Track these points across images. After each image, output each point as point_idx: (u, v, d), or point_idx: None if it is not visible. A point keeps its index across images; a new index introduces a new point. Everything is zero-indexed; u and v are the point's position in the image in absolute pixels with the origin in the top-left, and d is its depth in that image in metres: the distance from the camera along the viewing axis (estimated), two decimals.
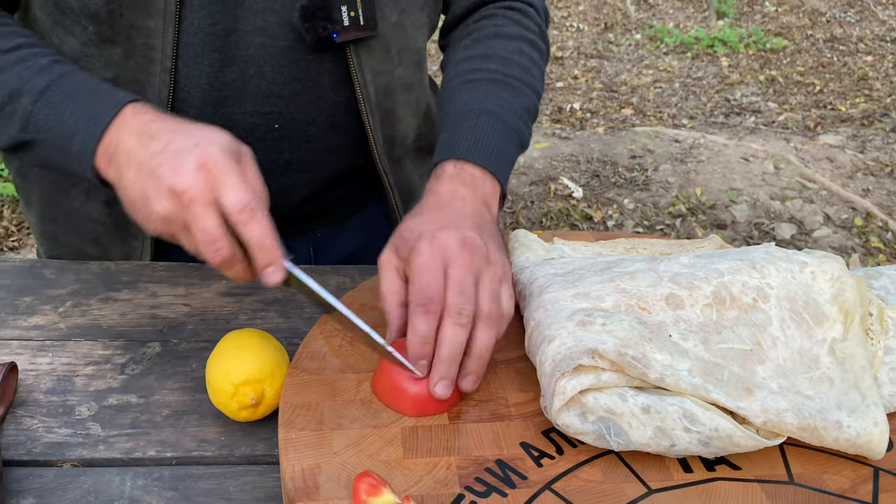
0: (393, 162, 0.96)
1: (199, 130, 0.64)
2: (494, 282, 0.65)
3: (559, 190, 2.97)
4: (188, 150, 0.61)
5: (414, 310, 0.62)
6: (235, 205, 0.60)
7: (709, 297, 0.67)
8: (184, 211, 0.61)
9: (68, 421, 0.69)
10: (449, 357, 0.62)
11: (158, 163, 0.62)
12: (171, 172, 0.61)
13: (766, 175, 3.09)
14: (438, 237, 0.65)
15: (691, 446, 0.58)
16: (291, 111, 0.88)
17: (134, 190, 0.64)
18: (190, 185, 0.60)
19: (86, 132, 0.68)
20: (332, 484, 0.56)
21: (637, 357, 0.60)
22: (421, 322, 0.62)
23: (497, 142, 0.79)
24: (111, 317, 0.82)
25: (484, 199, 0.75)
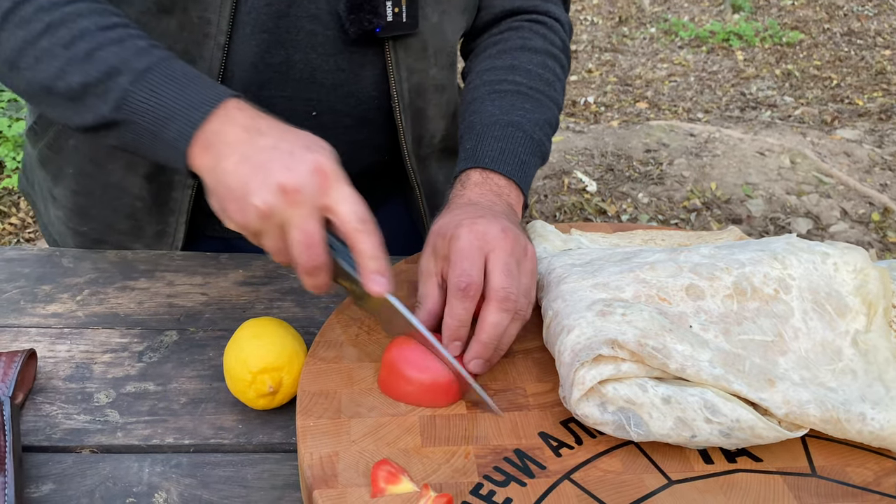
0: (419, 160, 0.97)
1: (310, 137, 0.64)
2: (528, 276, 0.66)
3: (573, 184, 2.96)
4: (303, 152, 0.61)
5: (453, 293, 0.62)
6: (354, 214, 0.60)
7: (730, 287, 0.66)
8: (288, 209, 0.59)
9: (87, 408, 0.69)
10: (489, 340, 0.63)
11: (270, 158, 0.60)
12: (285, 169, 0.59)
13: (782, 169, 3.07)
14: (478, 224, 0.66)
15: (712, 437, 0.58)
16: (330, 101, 0.88)
17: (233, 178, 0.61)
18: (303, 186, 0.59)
19: (186, 118, 0.65)
20: (351, 471, 0.56)
21: (657, 347, 0.59)
22: (458, 306, 0.62)
23: (521, 152, 0.81)
24: (128, 305, 0.83)
25: (509, 205, 0.76)
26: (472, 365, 0.63)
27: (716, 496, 0.55)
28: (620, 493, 0.55)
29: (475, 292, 0.63)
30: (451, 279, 0.63)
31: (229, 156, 0.62)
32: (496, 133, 0.81)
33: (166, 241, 0.93)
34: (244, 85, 0.85)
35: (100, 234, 0.96)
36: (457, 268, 0.63)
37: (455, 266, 0.63)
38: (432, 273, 0.68)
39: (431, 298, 0.67)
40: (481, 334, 0.63)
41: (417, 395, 0.62)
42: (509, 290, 0.63)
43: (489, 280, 0.63)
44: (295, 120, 0.89)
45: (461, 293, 0.62)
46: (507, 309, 0.63)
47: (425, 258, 0.69)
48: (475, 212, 0.69)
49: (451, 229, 0.66)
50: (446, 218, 0.69)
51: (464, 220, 0.66)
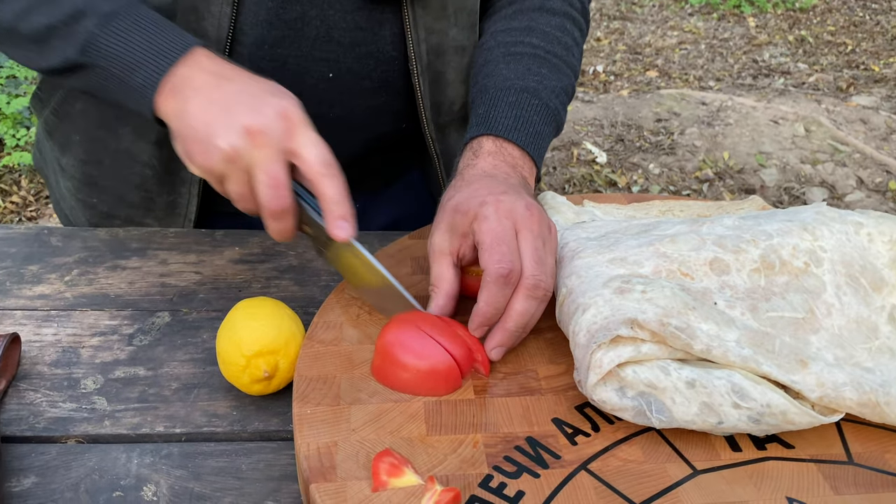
0: (438, 129, 0.91)
1: (277, 85, 0.63)
2: (553, 255, 0.63)
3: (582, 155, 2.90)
4: (267, 97, 0.60)
5: (493, 279, 0.58)
6: (319, 158, 0.59)
7: (756, 261, 0.62)
8: (253, 151, 0.59)
9: (73, 395, 0.65)
10: (517, 328, 0.60)
11: (236, 101, 0.60)
12: (251, 111, 0.59)
13: (796, 138, 3.00)
14: (504, 201, 0.62)
15: (740, 423, 0.53)
16: (348, 61, 0.84)
17: (198, 121, 0.61)
18: (269, 128, 0.59)
19: (154, 64, 0.64)
20: (350, 463, 0.52)
21: (681, 327, 0.55)
22: (498, 293, 0.59)
23: (536, 122, 0.76)
24: (119, 285, 0.79)
25: (523, 177, 0.72)
26: (494, 353, 0.60)
27: (745, 486, 0.51)
28: (642, 485, 0.51)
29: (517, 278, 0.59)
30: (490, 264, 0.59)
31: (195, 98, 0.62)
32: (511, 99, 0.76)
33: (178, 215, 0.89)
34: (256, 42, 0.80)
35: (110, 206, 0.92)
36: (495, 252, 0.59)
37: (492, 250, 0.59)
38: (446, 252, 0.63)
39: (448, 280, 0.63)
40: (508, 322, 0.60)
41: (415, 383, 0.58)
42: (539, 278, 0.59)
43: (521, 264, 0.60)
44: (310, 81, 0.85)
45: (503, 280, 0.59)
46: (536, 297, 0.60)
47: (439, 235, 0.64)
48: (495, 186, 0.65)
49: (474, 206, 0.62)
50: (464, 193, 0.65)
51: (487, 197, 0.62)
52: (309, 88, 0.84)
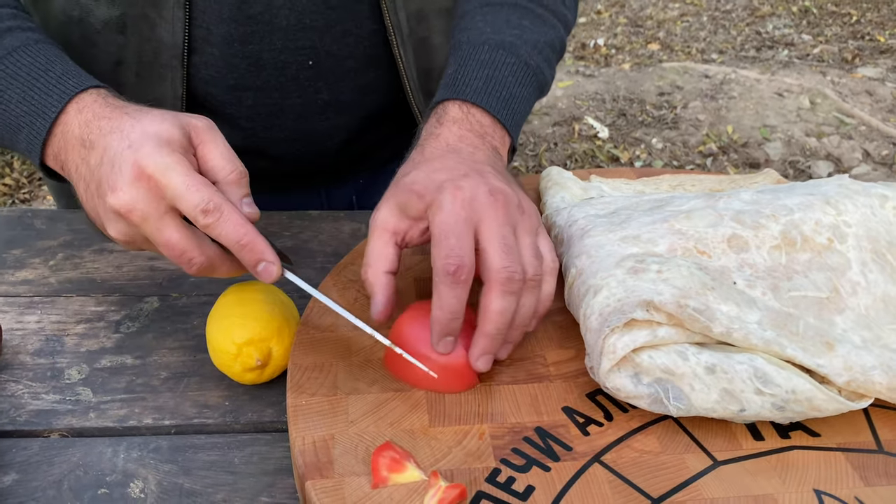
0: (429, 97, 0.86)
1: (137, 123, 0.54)
2: (531, 234, 0.55)
3: (584, 130, 2.85)
4: (121, 159, 0.53)
5: (440, 279, 0.51)
6: (194, 209, 0.51)
7: (777, 237, 0.58)
8: (138, 229, 0.53)
9: (56, 386, 0.62)
10: (497, 331, 0.52)
11: (98, 179, 0.54)
12: (111, 191, 0.52)
13: (801, 111, 2.95)
14: (463, 188, 0.54)
15: (763, 411, 0.50)
16: (326, 44, 0.79)
17: (87, 206, 0.57)
18: (132, 201, 0.52)
19: (30, 128, 0.59)
20: (348, 458, 0.49)
21: (699, 309, 0.51)
22: (449, 294, 0.51)
23: (510, 83, 0.67)
24: (106, 270, 0.75)
25: (493, 148, 0.64)
26: (479, 363, 0.53)
27: (769, 478, 0.48)
28: (659, 477, 0.48)
29: (467, 276, 0.51)
30: (437, 261, 0.51)
31: (77, 181, 0.57)
32: (483, 57, 0.67)
33: None
34: (225, 41, 0.76)
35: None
36: (443, 247, 0.51)
37: (440, 244, 0.52)
38: (389, 229, 0.55)
39: (384, 261, 0.55)
40: (486, 325, 0.52)
41: (431, 379, 0.54)
42: (511, 269, 0.52)
43: (485, 260, 0.52)
44: (290, 73, 0.80)
45: (451, 278, 0.51)
46: (512, 291, 0.52)
47: (386, 210, 0.56)
48: (456, 167, 0.57)
49: (430, 192, 0.54)
50: (421, 171, 0.57)
51: (446, 182, 0.54)
52: (291, 80, 0.79)
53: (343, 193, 0.95)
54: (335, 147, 0.87)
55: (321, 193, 0.95)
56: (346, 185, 0.95)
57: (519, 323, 0.54)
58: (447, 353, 0.53)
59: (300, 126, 0.84)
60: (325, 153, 0.87)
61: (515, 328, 0.54)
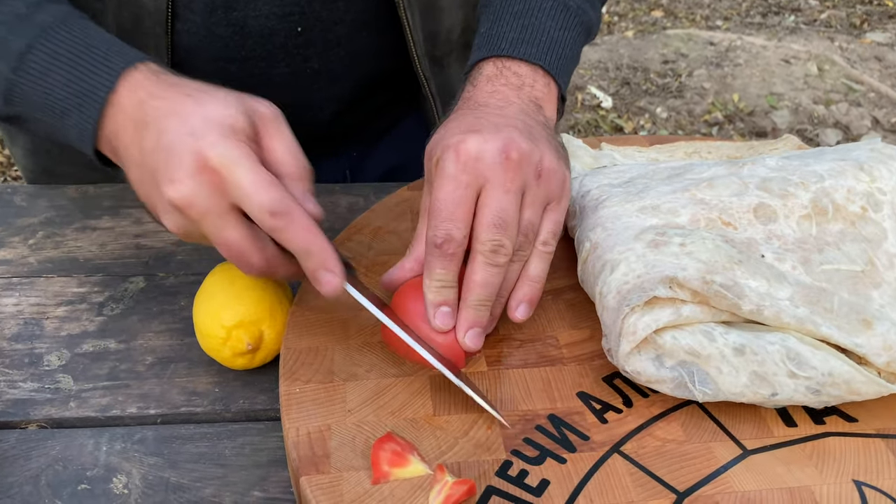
0: (434, 63, 0.81)
1: (199, 107, 0.49)
2: (539, 205, 0.51)
3: (587, 100, 2.79)
4: (182, 147, 0.47)
5: (429, 250, 0.49)
6: (261, 211, 0.47)
7: (807, 206, 0.54)
8: (196, 224, 0.48)
9: (35, 373, 0.58)
10: (478, 302, 0.49)
11: (154, 166, 0.49)
12: (169, 182, 0.47)
13: (808, 78, 2.88)
14: (466, 145, 0.50)
15: (797, 395, 0.46)
16: (315, 9, 0.74)
17: (140, 191, 0.52)
18: (193, 196, 0.47)
19: (80, 113, 0.53)
20: (346, 450, 0.45)
21: (727, 285, 0.47)
22: (436, 265, 0.49)
23: (550, 27, 0.61)
24: (89, 248, 0.71)
25: (533, 99, 0.58)
26: (467, 339, 0.49)
27: (804, 468, 0.44)
28: (684, 469, 0.44)
29: (455, 249, 0.49)
30: (429, 229, 0.49)
31: (129, 166, 0.52)
32: (516, 8, 0.61)
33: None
34: (206, 11, 0.71)
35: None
36: (435, 215, 0.49)
37: (434, 213, 0.49)
38: (425, 209, 0.53)
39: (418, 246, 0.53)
40: (468, 296, 0.49)
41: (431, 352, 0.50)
42: (497, 242, 0.49)
43: (475, 227, 0.49)
44: (278, 41, 0.75)
45: (437, 250, 0.49)
46: (496, 264, 0.49)
47: (425, 187, 0.54)
48: (473, 122, 0.53)
49: (437, 151, 0.51)
50: (439, 133, 0.54)
51: (452, 139, 0.50)
52: (279, 48, 0.75)
53: (336, 167, 0.90)
54: (327, 118, 0.83)
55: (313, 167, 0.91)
56: (338, 158, 0.90)
57: (532, 278, 0.51)
58: (445, 327, 0.49)
59: (289, 97, 0.79)
60: (316, 124, 0.82)
61: (527, 283, 0.51)
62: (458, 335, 0.49)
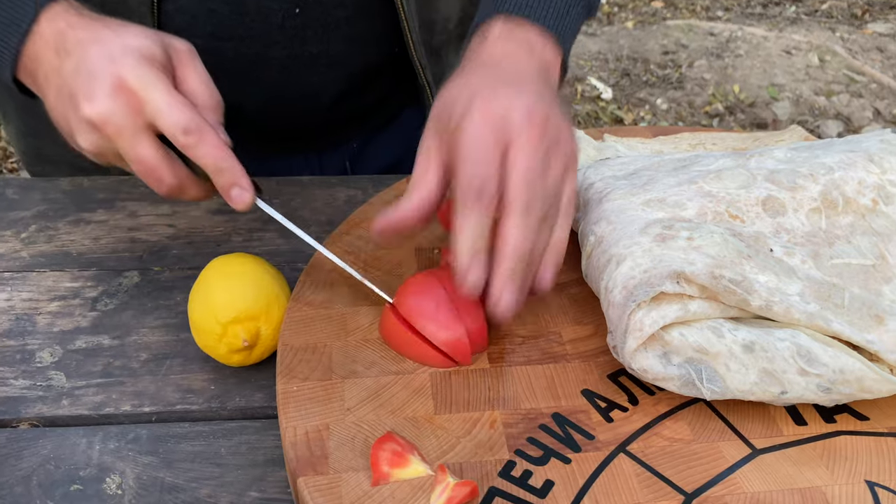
0: (431, 52, 0.80)
1: (118, 37, 0.52)
2: (560, 169, 0.49)
3: (586, 91, 2.77)
4: (101, 70, 0.51)
5: (463, 200, 0.46)
6: (175, 127, 0.50)
7: (816, 199, 0.53)
8: (111, 142, 0.51)
9: (27, 370, 0.57)
10: (513, 265, 0.46)
11: (73, 88, 0.52)
12: (87, 100, 0.50)
13: (809, 69, 2.87)
14: (494, 102, 0.48)
15: (808, 393, 0.45)
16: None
17: (56, 114, 0.54)
18: (110, 114, 0.50)
19: (3, 41, 0.56)
20: (345, 450, 0.44)
21: (736, 280, 0.46)
22: (471, 217, 0.46)
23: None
24: (82, 242, 0.70)
25: (543, 64, 0.56)
26: (500, 307, 0.47)
27: (815, 468, 0.43)
28: (692, 469, 0.43)
29: (490, 199, 0.46)
30: (460, 182, 0.46)
31: (48, 90, 0.54)
32: None
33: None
34: None
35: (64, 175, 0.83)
36: (467, 167, 0.46)
37: (464, 165, 0.47)
38: (432, 156, 0.50)
39: (427, 184, 0.49)
40: (501, 260, 0.46)
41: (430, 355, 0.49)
42: (529, 201, 0.47)
43: (506, 187, 0.47)
44: (275, 20, 0.74)
45: (474, 199, 0.46)
46: (530, 222, 0.47)
47: (426, 137, 0.51)
48: (494, 78, 0.51)
49: (461, 104, 0.49)
50: (455, 86, 0.52)
51: (478, 95, 0.48)
52: (276, 29, 0.73)
53: (335, 159, 0.89)
54: (325, 106, 0.81)
55: (311, 160, 0.89)
56: (337, 150, 0.89)
57: (556, 248, 0.49)
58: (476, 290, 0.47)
59: (286, 81, 0.77)
60: (314, 112, 0.81)
61: (551, 251, 0.49)
62: (490, 304, 0.47)
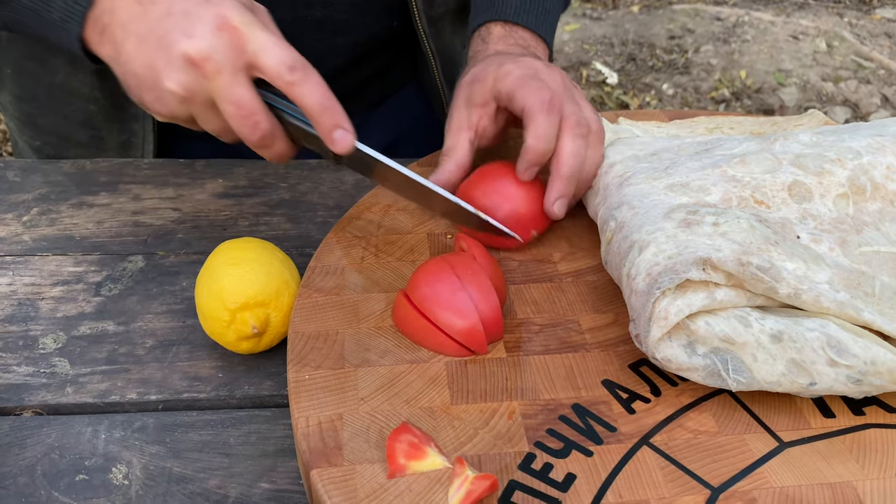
0: (431, 23, 0.80)
1: None
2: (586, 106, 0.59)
3: (592, 76, 2.74)
4: (199, 10, 0.49)
5: (536, 108, 0.55)
6: (281, 64, 0.49)
7: (844, 184, 0.51)
8: (207, 83, 0.49)
9: (30, 357, 0.55)
10: (571, 173, 0.55)
11: (166, 28, 0.49)
12: (186, 37, 0.48)
13: (817, 54, 2.84)
14: (522, 61, 0.59)
15: (837, 385, 0.43)
16: None
17: (139, 64, 0.50)
18: (211, 50, 0.48)
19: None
20: (360, 441, 0.42)
21: (763, 267, 0.44)
22: (545, 122, 0.54)
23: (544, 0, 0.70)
24: (85, 225, 0.68)
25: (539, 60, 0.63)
26: (556, 207, 0.55)
27: (845, 462, 0.42)
28: (718, 462, 0.42)
29: (560, 106, 0.55)
30: (529, 98, 0.55)
31: (126, 37, 0.51)
32: None
33: (135, 153, 0.79)
34: None
35: (56, 148, 0.82)
36: (530, 88, 0.55)
37: (526, 88, 0.56)
38: (463, 127, 0.58)
39: (461, 150, 0.58)
40: (562, 168, 0.55)
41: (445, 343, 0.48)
42: (579, 115, 0.56)
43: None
44: None
45: (547, 106, 0.54)
46: (582, 135, 0.56)
47: (456, 112, 0.59)
48: (511, 59, 0.60)
49: (492, 71, 0.58)
50: (479, 66, 0.60)
51: (506, 60, 0.58)
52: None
53: None
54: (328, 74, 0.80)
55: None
56: None
57: (589, 172, 0.57)
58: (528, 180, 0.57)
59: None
60: None
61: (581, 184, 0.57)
62: (548, 203, 0.56)
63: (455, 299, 0.47)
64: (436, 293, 0.47)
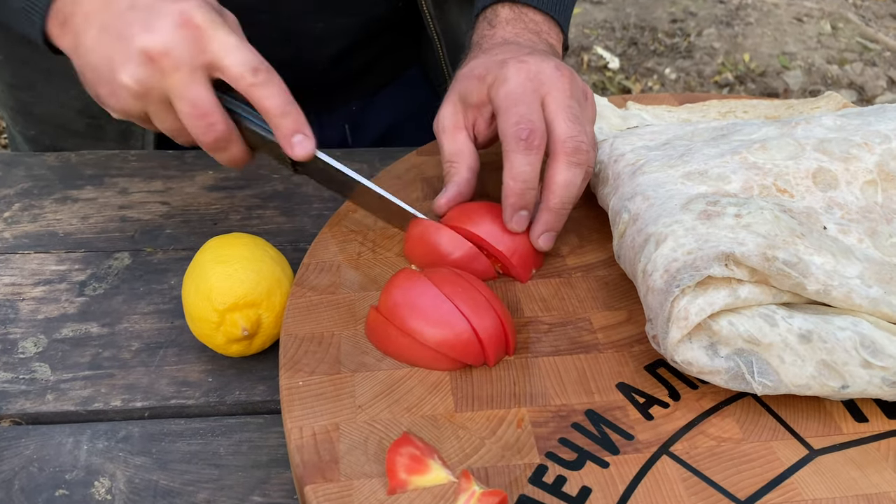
0: (437, 4, 0.77)
1: None
2: (591, 123, 0.52)
3: (593, 61, 2.70)
4: (163, 6, 0.48)
5: (512, 146, 0.49)
6: (244, 65, 0.47)
7: (872, 170, 0.48)
8: (163, 79, 0.47)
9: (8, 362, 0.52)
10: (562, 205, 0.50)
11: (128, 22, 0.48)
12: (145, 31, 0.47)
13: (821, 36, 2.79)
14: (528, 62, 0.52)
15: (871, 388, 0.40)
16: None
17: (96, 56, 0.49)
18: (171, 46, 0.46)
19: None
20: (357, 454, 0.39)
21: (790, 262, 0.41)
22: (522, 161, 0.49)
23: None
24: (69, 221, 0.65)
25: (550, 46, 0.59)
26: (541, 240, 0.50)
27: (881, 471, 0.39)
28: (744, 473, 0.39)
29: (540, 141, 0.49)
30: (508, 129, 0.49)
31: (86, 28, 0.49)
32: None
33: (135, 143, 0.76)
34: None
35: (53, 138, 0.79)
36: (512, 114, 0.49)
37: (509, 112, 0.49)
38: (461, 126, 0.54)
39: (468, 153, 0.53)
40: (551, 199, 0.50)
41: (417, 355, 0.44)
42: (578, 139, 0.49)
43: (553, 129, 0.50)
44: None
45: (524, 144, 0.48)
46: (579, 163, 0.49)
47: (449, 107, 0.54)
48: (517, 51, 0.54)
49: (492, 69, 0.52)
50: (480, 59, 0.55)
51: (508, 58, 0.52)
52: None
53: (334, 122, 0.85)
54: (328, 59, 0.77)
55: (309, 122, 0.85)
56: (337, 111, 0.84)
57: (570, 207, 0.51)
58: (520, 229, 0.51)
59: (289, 27, 0.73)
60: (315, 67, 0.76)
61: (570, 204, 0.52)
62: (533, 236, 0.51)
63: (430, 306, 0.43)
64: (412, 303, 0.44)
